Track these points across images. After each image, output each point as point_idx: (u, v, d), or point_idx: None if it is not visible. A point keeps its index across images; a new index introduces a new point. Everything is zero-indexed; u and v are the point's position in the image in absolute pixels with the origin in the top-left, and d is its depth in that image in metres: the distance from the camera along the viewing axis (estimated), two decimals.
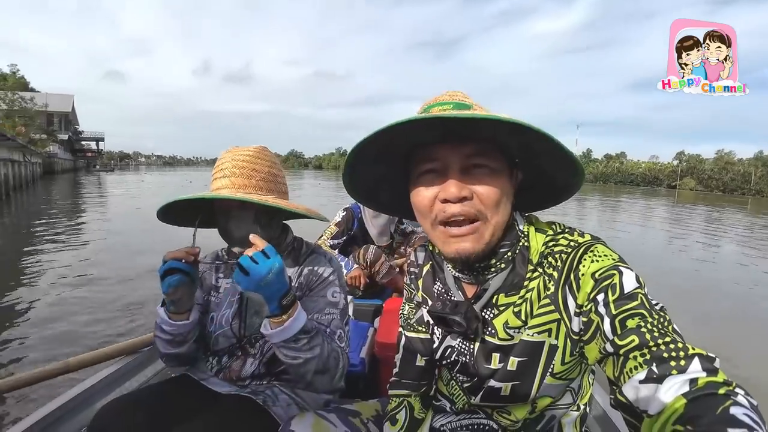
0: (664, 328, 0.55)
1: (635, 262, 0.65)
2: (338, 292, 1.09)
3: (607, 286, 0.61)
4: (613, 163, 68.31)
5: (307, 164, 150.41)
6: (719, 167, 51.57)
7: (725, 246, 9.97)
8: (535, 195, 0.82)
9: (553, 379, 0.72)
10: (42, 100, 34.92)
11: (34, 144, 23.16)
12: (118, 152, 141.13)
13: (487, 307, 0.75)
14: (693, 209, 21.52)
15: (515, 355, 0.72)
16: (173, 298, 0.99)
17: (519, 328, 0.72)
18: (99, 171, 49.71)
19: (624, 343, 0.55)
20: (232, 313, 1.10)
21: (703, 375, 0.48)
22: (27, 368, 2.77)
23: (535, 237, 0.75)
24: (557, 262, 0.70)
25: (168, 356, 1.09)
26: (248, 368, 1.09)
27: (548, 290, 0.70)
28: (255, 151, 1.05)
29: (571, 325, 0.67)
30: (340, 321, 1.06)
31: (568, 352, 0.70)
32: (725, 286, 6.25)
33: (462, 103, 0.69)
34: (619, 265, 0.64)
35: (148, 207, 10.27)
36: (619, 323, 0.57)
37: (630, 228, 12.73)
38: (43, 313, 4.03)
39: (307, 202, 1.29)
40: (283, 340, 0.90)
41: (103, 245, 7.32)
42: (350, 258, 2.51)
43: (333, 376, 0.98)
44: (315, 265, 1.10)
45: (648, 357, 0.52)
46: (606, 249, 0.67)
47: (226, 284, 1.16)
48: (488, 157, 0.68)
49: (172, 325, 1.02)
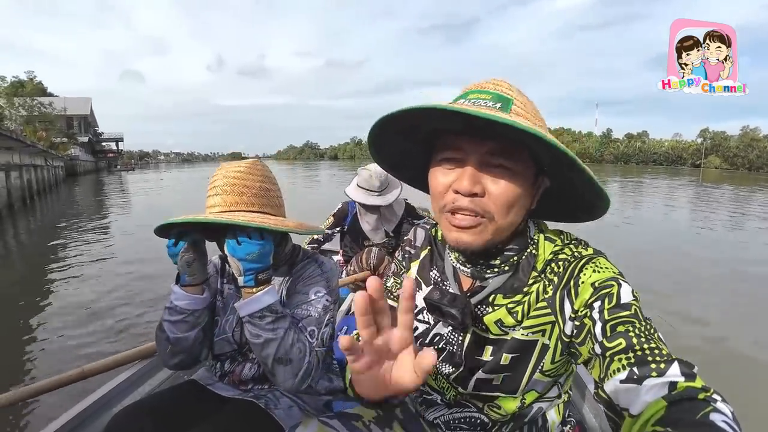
0: (650, 335, 0.58)
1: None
2: (323, 292, 1.09)
3: (605, 294, 0.64)
4: (635, 143, 66.46)
5: (322, 155, 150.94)
6: (744, 144, 49.83)
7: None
8: (559, 207, 0.81)
9: (542, 376, 0.75)
10: (60, 104, 35.67)
11: (56, 148, 23.76)
12: (137, 151, 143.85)
13: (482, 304, 0.76)
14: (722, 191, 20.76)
15: (508, 352, 0.74)
16: (189, 258, 1.01)
17: (513, 327, 0.74)
18: (120, 171, 50.68)
19: (611, 345, 0.58)
20: (235, 319, 1.13)
21: (682, 379, 0.50)
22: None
23: (543, 245, 0.76)
24: (559, 269, 0.72)
25: (174, 345, 1.06)
26: (248, 372, 1.14)
27: (546, 294, 0.72)
28: (246, 166, 1.06)
29: (564, 328, 0.70)
30: (318, 319, 1.06)
31: (558, 353, 0.73)
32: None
33: (501, 95, 0.67)
34: (618, 278, 0.67)
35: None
36: (609, 327, 0.60)
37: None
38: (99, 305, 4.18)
39: (322, 193, 1.27)
40: (249, 314, 0.95)
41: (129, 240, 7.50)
42: (353, 261, 2.51)
43: (296, 370, 0.98)
44: (305, 269, 1.14)
45: (632, 359, 0.55)
46: (607, 262, 0.70)
47: (229, 289, 1.19)
48: (509, 158, 0.66)
49: (187, 299, 1.04)
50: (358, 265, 2.47)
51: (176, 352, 1.07)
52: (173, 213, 1.09)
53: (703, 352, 3.46)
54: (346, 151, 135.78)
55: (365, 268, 2.45)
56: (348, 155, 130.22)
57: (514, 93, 0.68)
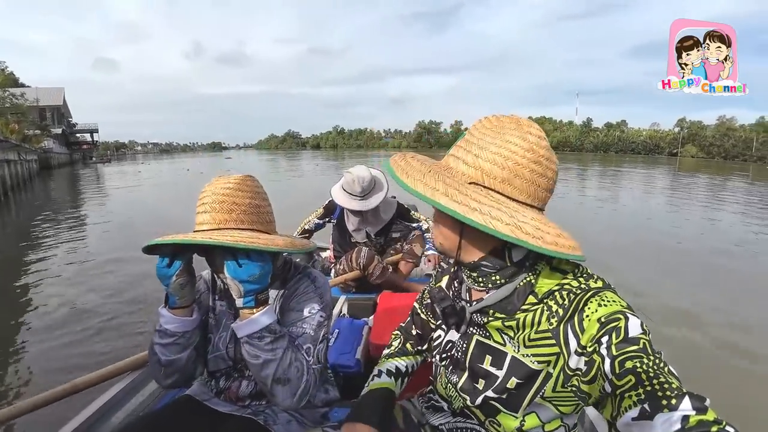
0: (659, 369, 0.58)
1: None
2: (317, 309, 1.09)
3: (612, 329, 0.64)
4: (614, 132, 67.76)
5: (304, 144, 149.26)
6: (721, 134, 51.24)
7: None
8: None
9: (542, 401, 0.76)
10: (32, 95, 34.39)
11: (29, 141, 22.98)
12: (113, 142, 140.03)
13: (479, 313, 0.82)
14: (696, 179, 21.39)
15: (516, 377, 0.77)
16: (182, 281, 0.99)
17: (510, 338, 0.78)
18: (95, 163, 49.27)
19: (621, 382, 0.59)
20: (228, 336, 1.12)
21: (693, 413, 0.51)
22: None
23: (549, 275, 0.77)
24: (564, 300, 0.72)
25: (167, 366, 1.06)
26: (245, 389, 1.14)
27: (550, 324, 0.73)
28: (236, 182, 1.04)
29: (569, 361, 0.71)
30: (313, 337, 1.06)
31: (560, 383, 0.74)
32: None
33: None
34: (626, 311, 0.67)
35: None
36: (618, 364, 0.61)
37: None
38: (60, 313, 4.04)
39: (307, 185, 1.23)
40: (248, 335, 0.95)
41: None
42: (343, 260, 2.51)
43: (294, 390, 0.97)
44: (299, 285, 1.13)
45: (642, 396, 0.56)
46: (615, 296, 0.71)
47: (221, 306, 1.17)
48: (441, 215, 0.80)
49: (176, 322, 1.02)
50: (348, 264, 2.48)
51: (169, 373, 1.07)
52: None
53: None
54: (328, 140, 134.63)
55: (354, 268, 2.45)
56: (330, 144, 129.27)
57: (488, 133, 0.74)
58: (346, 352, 1.76)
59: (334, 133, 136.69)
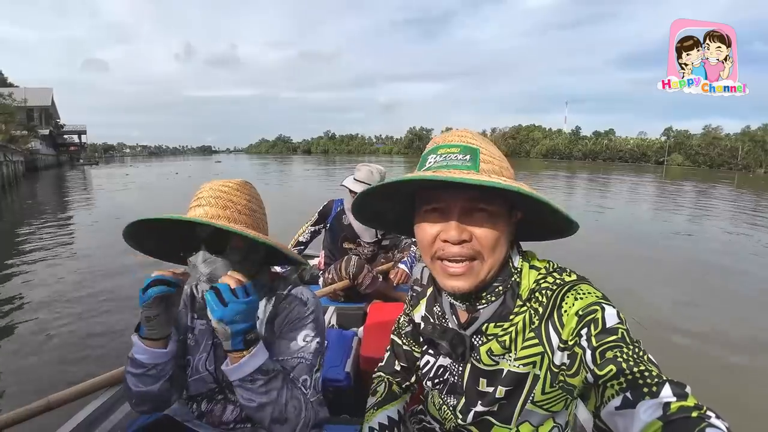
0: (639, 358, 0.59)
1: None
2: (311, 336, 1.02)
3: (590, 321, 0.66)
4: (602, 140, 68.77)
5: (295, 149, 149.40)
6: (706, 143, 52.22)
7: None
8: (531, 229, 0.84)
9: (533, 406, 0.76)
10: (20, 95, 33.96)
11: (15, 141, 22.59)
12: (101, 144, 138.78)
13: (477, 334, 0.80)
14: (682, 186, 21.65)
15: (502, 385, 0.77)
16: (150, 314, 0.92)
17: (503, 355, 0.77)
18: (83, 165, 48.64)
19: (603, 372, 0.60)
20: (208, 358, 1.06)
21: (674, 399, 0.52)
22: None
23: (528, 274, 0.78)
24: (543, 298, 0.74)
25: (139, 397, 0.99)
26: (229, 414, 1.06)
27: (533, 324, 0.74)
28: (235, 184, 1.02)
29: (553, 358, 0.72)
30: (309, 367, 0.99)
31: (548, 383, 0.74)
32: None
33: (468, 147, 0.72)
34: (602, 302, 0.68)
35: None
36: (599, 354, 0.62)
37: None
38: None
39: (298, 191, 1.19)
40: (240, 379, 0.88)
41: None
42: (332, 269, 2.46)
43: (293, 427, 0.92)
44: (289, 307, 1.04)
45: (624, 384, 0.57)
46: (590, 287, 0.72)
47: (200, 326, 1.09)
48: (488, 202, 0.71)
49: (147, 354, 0.95)
50: (337, 273, 2.41)
51: (142, 402, 1.01)
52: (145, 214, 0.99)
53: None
54: (319, 146, 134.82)
55: (344, 277, 2.39)
56: (321, 149, 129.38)
57: (479, 141, 0.74)
58: (335, 365, 1.67)
59: (326, 139, 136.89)
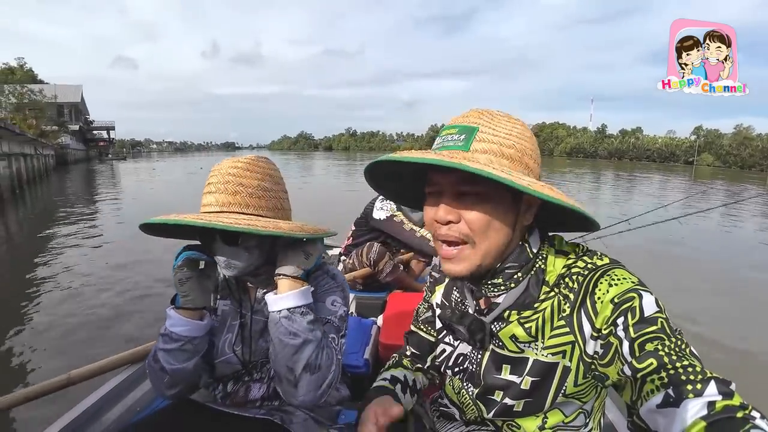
0: (681, 351, 0.56)
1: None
2: (338, 302, 1.04)
3: (627, 309, 0.61)
4: (629, 139, 66.92)
5: (317, 146, 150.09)
6: (737, 142, 50.21)
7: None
8: (556, 218, 0.78)
9: (564, 399, 0.72)
10: (51, 91, 34.96)
11: (46, 136, 23.41)
12: (129, 140, 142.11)
13: (497, 320, 0.76)
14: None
15: (529, 375, 0.73)
16: (182, 276, 0.92)
17: (529, 343, 0.73)
18: (111, 160, 50.11)
19: (642, 366, 0.56)
20: (234, 338, 1.04)
21: (720, 398, 0.49)
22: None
23: (554, 260, 0.74)
24: (573, 284, 0.69)
25: (171, 377, 0.94)
26: (255, 393, 1.05)
27: (563, 312, 0.69)
28: (245, 163, 0.95)
29: (586, 348, 0.67)
30: (336, 329, 1.00)
31: (581, 375, 0.70)
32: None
33: (466, 126, 0.69)
34: (638, 288, 0.63)
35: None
36: (638, 346, 0.58)
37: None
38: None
39: (319, 188, 1.19)
40: (293, 307, 0.89)
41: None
42: (353, 255, 2.42)
43: (321, 380, 0.89)
44: (318, 280, 1.06)
45: (665, 380, 0.53)
46: (625, 272, 0.67)
47: (223, 306, 1.08)
48: (477, 184, 0.66)
49: (182, 325, 0.92)
50: (358, 259, 2.37)
51: (173, 383, 0.96)
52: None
53: None
54: (340, 142, 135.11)
55: (365, 263, 2.35)
56: (343, 146, 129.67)
57: (484, 119, 0.70)
58: (354, 352, 1.68)
59: (347, 135, 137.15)
